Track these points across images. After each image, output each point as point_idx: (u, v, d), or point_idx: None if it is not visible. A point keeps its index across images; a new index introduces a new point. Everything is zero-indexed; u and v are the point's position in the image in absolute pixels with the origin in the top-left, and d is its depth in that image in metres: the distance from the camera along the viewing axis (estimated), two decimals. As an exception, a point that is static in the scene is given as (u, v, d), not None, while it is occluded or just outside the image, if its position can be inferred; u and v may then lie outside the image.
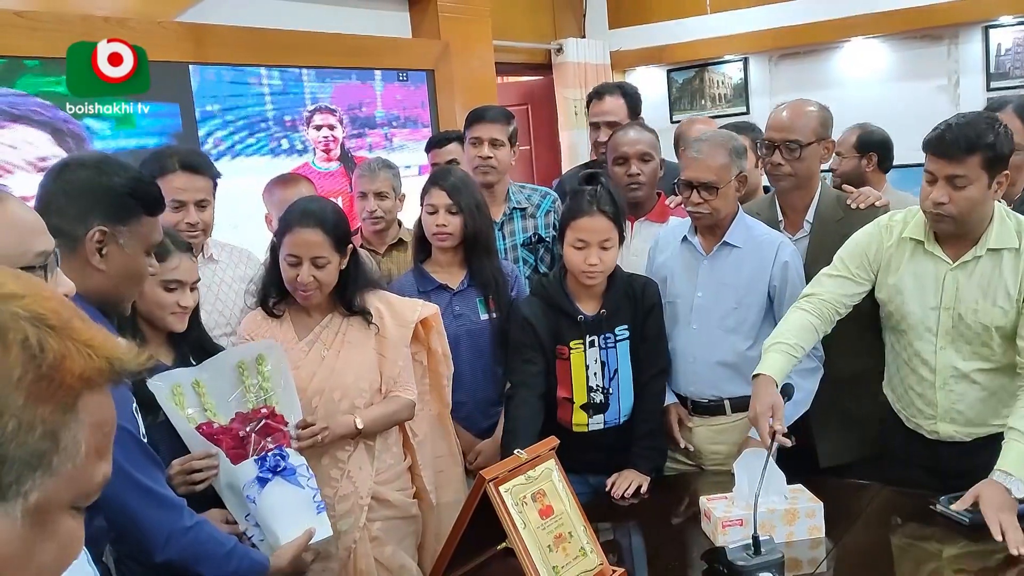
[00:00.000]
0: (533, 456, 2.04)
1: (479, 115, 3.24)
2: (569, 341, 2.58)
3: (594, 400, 2.60)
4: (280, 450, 2.12)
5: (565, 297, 2.59)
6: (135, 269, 1.76)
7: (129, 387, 1.73)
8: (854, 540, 2.19)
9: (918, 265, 2.37)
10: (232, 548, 1.87)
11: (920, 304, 2.36)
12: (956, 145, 2.17)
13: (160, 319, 2.12)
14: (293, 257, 2.32)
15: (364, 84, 4.50)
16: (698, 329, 2.70)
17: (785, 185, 2.78)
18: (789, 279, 2.64)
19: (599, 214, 2.49)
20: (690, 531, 2.31)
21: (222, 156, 3.85)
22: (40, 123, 3.19)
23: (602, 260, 2.50)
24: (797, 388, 2.56)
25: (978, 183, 2.18)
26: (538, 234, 3.21)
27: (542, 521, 1.97)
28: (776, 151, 2.74)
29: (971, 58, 5.41)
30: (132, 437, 1.69)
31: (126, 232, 1.72)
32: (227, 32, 3.85)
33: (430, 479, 2.58)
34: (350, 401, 2.39)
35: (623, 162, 3.11)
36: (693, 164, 2.64)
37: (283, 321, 2.43)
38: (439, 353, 2.60)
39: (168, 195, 2.42)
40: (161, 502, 1.75)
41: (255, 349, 2.23)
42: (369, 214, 3.18)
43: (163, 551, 1.76)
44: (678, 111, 6.43)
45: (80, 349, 0.72)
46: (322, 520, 2.14)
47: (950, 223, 2.26)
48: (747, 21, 5.93)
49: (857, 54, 5.74)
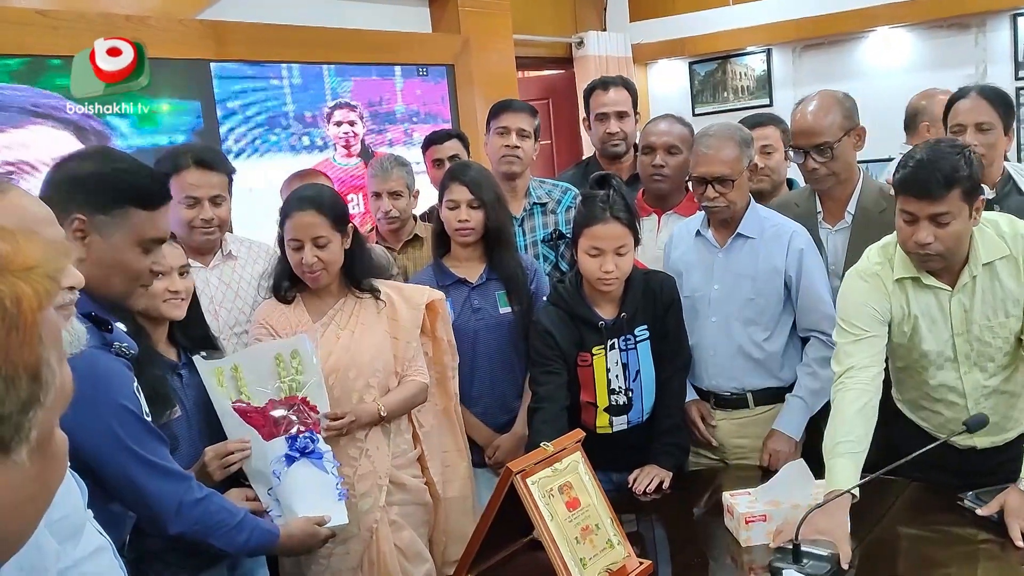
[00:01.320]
0: (559, 449, 2.05)
1: (506, 105, 3.22)
2: (591, 348, 2.53)
3: (617, 403, 2.57)
4: (311, 433, 2.18)
5: (583, 304, 2.54)
6: (123, 262, 1.72)
7: (129, 367, 1.75)
8: (882, 536, 2.16)
9: (921, 300, 2.28)
10: (243, 518, 1.89)
11: (935, 338, 2.28)
12: (935, 183, 2.06)
13: (154, 308, 2.09)
14: (295, 241, 2.36)
15: (384, 80, 4.50)
16: (717, 322, 2.69)
17: (823, 186, 2.73)
18: (804, 267, 2.61)
19: (613, 220, 2.42)
20: (714, 526, 2.29)
21: (243, 153, 3.87)
22: (63, 121, 3.21)
23: (618, 266, 2.44)
24: (816, 377, 2.60)
25: (960, 216, 2.10)
26: (559, 230, 3.18)
27: (569, 513, 1.98)
28: (808, 157, 2.69)
29: (999, 47, 5.34)
30: (133, 415, 1.71)
31: (110, 222, 1.69)
32: (247, 29, 3.86)
33: (437, 471, 2.60)
34: (365, 380, 2.42)
35: (650, 151, 3.08)
36: (704, 159, 2.60)
37: (296, 306, 2.46)
38: (444, 342, 2.62)
39: (182, 191, 2.45)
40: (168, 474, 1.76)
41: (291, 344, 2.27)
42: (384, 214, 3.14)
43: (175, 522, 1.77)
44: (700, 104, 6.39)
45: (28, 279, 0.72)
46: (341, 507, 2.17)
47: (938, 261, 2.17)
48: (770, 12, 5.88)
49: (882, 44, 5.67)
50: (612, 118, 3.43)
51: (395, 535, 2.45)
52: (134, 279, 1.76)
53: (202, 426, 2.15)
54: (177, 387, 2.12)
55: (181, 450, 2.06)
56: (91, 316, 1.64)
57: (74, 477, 1.39)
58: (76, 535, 1.35)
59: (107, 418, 1.66)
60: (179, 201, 2.46)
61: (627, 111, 3.45)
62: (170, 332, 2.18)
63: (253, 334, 2.44)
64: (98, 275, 1.68)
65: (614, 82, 3.53)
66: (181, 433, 2.09)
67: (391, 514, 2.45)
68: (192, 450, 2.08)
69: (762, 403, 2.66)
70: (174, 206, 2.44)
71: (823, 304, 2.63)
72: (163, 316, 2.12)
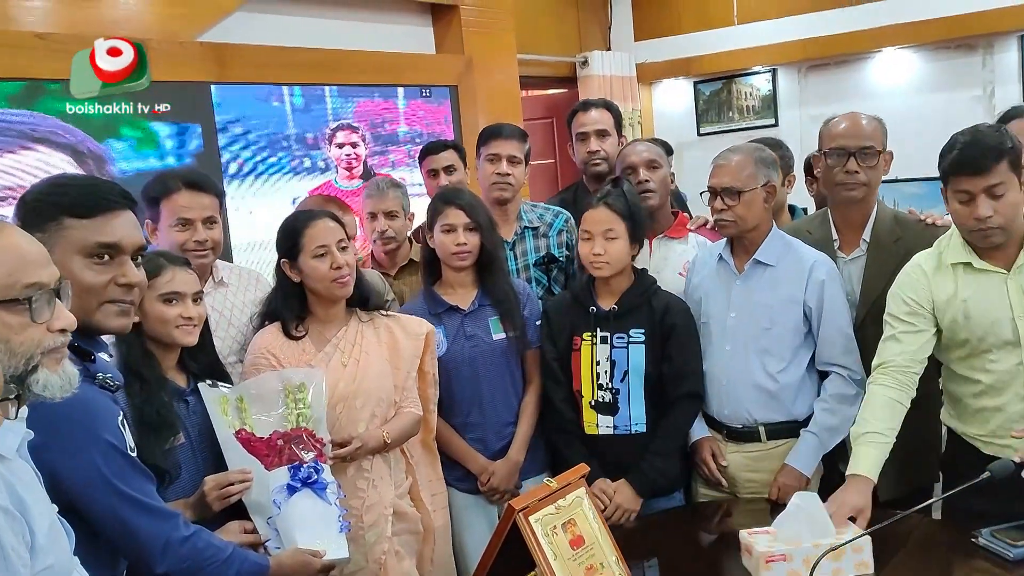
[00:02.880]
0: (563, 484, 2.04)
1: (496, 132, 3.20)
2: (582, 332, 2.66)
3: (603, 399, 2.62)
4: (316, 464, 2.16)
5: (587, 290, 2.70)
6: (66, 275, 1.57)
7: (115, 400, 1.70)
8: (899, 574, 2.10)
9: (972, 285, 2.31)
10: (231, 553, 1.85)
11: (992, 321, 2.28)
12: (984, 157, 2.18)
13: (166, 335, 2.10)
14: (322, 247, 2.37)
15: (387, 101, 4.47)
16: (731, 351, 2.65)
17: (857, 195, 2.67)
18: (827, 299, 2.57)
19: (603, 206, 2.61)
20: (725, 562, 2.24)
21: (245, 176, 3.83)
22: (61, 145, 3.18)
23: (607, 251, 2.58)
24: (834, 414, 2.55)
25: (1012, 186, 2.20)
26: (550, 253, 3.16)
27: (572, 551, 1.97)
28: (851, 158, 2.64)
29: (1007, 68, 5.29)
30: (118, 451, 1.65)
31: (48, 239, 1.59)
32: (248, 51, 3.83)
33: (428, 500, 2.61)
34: (370, 409, 2.43)
35: (631, 172, 3.06)
36: (717, 171, 2.63)
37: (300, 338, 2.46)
38: (430, 376, 2.62)
39: (174, 215, 2.44)
40: (154, 512, 1.72)
41: (301, 376, 2.27)
42: (380, 234, 3.14)
43: (161, 561, 1.73)
44: (705, 123, 6.36)
45: None
46: (341, 540, 2.14)
47: (999, 234, 2.23)
48: (775, 32, 5.85)
49: (889, 65, 5.64)
50: (592, 137, 3.41)
51: (399, 564, 2.44)
52: (88, 294, 1.65)
53: (206, 454, 2.14)
54: (183, 414, 2.12)
55: (183, 478, 2.07)
56: (73, 347, 1.59)
57: (62, 523, 1.35)
58: None
59: (91, 454, 1.61)
60: (171, 225, 2.45)
61: (608, 130, 3.43)
62: (180, 358, 2.18)
63: (252, 363, 2.41)
64: None
65: (595, 104, 3.53)
66: (185, 460, 2.08)
67: (395, 545, 2.45)
68: (194, 478, 2.07)
69: (774, 437, 2.62)
70: (166, 230, 2.45)
71: (844, 338, 2.59)
72: (175, 342, 2.13)
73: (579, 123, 3.46)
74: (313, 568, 2.03)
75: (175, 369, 2.17)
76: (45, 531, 1.27)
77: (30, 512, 1.25)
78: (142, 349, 2.09)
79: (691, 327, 2.67)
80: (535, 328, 2.79)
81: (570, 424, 2.69)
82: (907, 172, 4.97)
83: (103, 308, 1.67)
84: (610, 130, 3.43)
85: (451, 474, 2.76)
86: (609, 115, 3.47)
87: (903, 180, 5.13)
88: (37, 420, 1.36)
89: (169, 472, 2.02)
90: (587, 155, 3.42)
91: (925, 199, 4.59)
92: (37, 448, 1.36)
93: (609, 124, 3.44)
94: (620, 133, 3.50)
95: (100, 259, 1.66)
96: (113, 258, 1.68)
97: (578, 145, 3.47)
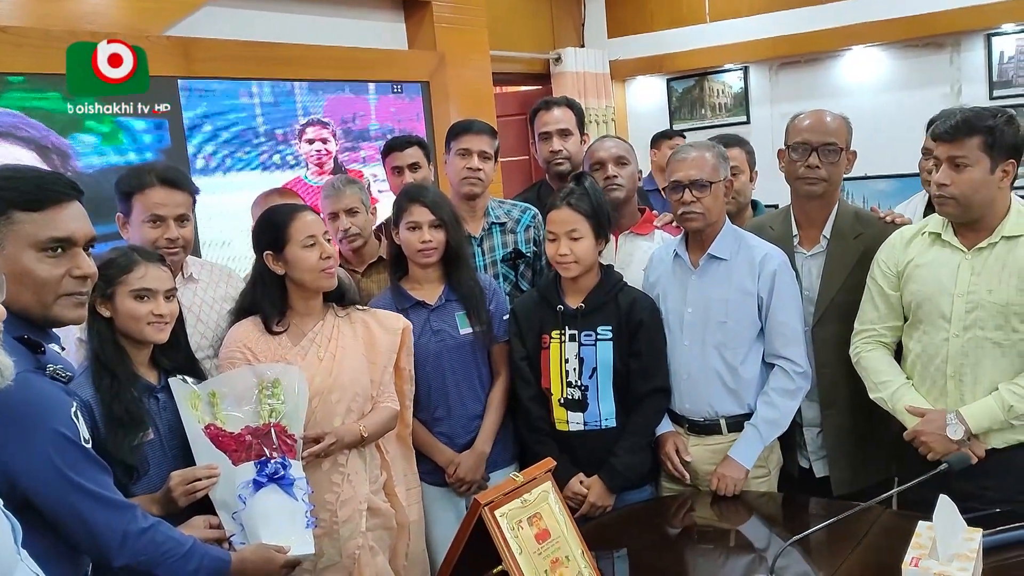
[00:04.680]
0: (529, 479, 2.04)
1: (467, 127, 3.20)
2: (551, 331, 2.69)
3: (572, 396, 2.64)
4: (283, 460, 2.15)
5: (554, 290, 2.73)
6: (24, 271, 1.62)
7: (67, 391, 1.68)
8: (855, 565, 2.12)
9: (932, 254, 2.42)
10: (191, 547, 1.84)
11: (934, 291, 2.39)
12: (956, 128, 2.27)
13: (137, 331, 2.09)
14: (311, 238, 2.39)
15: (358, 96, 4.46)
16: (689, 345, 2.67)
17: (816, 190, 2.70)
18: (775, 289, 2.60)
19: (565, 207, 2.63)
20: (688, 553, 2.25)
21: (213, 171, 3.81)
22: (24, 140, 3.14)
23: (572, 251, 2.61)
24: (774, 407, 2.60)
25: (979, 166, 2.26)
26: (517, 249, 3.16)
27: (538, 545, 1.97)
28: (813, 154, 2.67)
29: (974, 66, 5.35)
30: (71, 443, 1.63)
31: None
32: (217, 46, 3.80)
33: (403, 495, 2.61)
34: (346, 404, 2.43)
35: (600, 166, 3.06)
36: (682, 165, 2.64)
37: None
38: (406, 372, 2.63)
39: (147, 210, 2.42)
40: (110, 504, 1.70)
41: (275, 372, 2.26)
42: (344, 233, 3.10)
43: (119, 554, 1.71)
44: (678, 120, 6.39)
45: None
46: (307, 536, 2.13)
47: (953, 205, 2.32)
48: (747, 30, 5.89)
49: (858, 62, 5.69)
50: (555, 136, 3.40)
51: (372, 560, 2.45)
52: (44, 288, 1.64)
53: (176, 450, 2.13)
54: (153, 410, 2.11)
55: (151, 474, 2.06)
56: (23, 339, 1.57)
57: (6, 515, 1.32)
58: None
59: (42, 445, 1.59)
60: (143, 220, 2.42)
61: (570, 129, 3.42)
62: (153, 354, 2.17)
63: (228, 356, 2.40)
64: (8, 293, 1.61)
65: (557, 102, 3.51)
66: (153, 456, 2.07)
67: (369, 540, 2.45)
68: (163, 474, 2.06)
69: (735, 429, 2.64)
70: (138, 225, 2.42)
71: (789, 329, 2.61)
72: (146, 339, 2.11)
73: (541, 122, 3.44)
74: (276, 564, 2.02)
75: (147, 365, 2.15)
76: None
77: None
78: (113, 345, 2.08)
79: (658, 322, 2.69)
80: (501, 322, 2.80)
81: (540, 421, 2.70)
82: (875, 169, 5.04)
83: (60, 301, 1.66)
84: (572, 129, 3.43)
85: (420, 467, 2.76)
86: (571, 114, 3.46)
87: (872, 177, 5.19)
88: None
89: (137, 468, 2.01)
90: (550, 154, 3.41)
91: (893, 196, 4.64)
92: None
93: (571, 123, 3.43)
94: (583, 131, 3.49)
95: (53, 252, 1.65)
96: (66, 251, 1.67)
97: (541, 144, 3.45)
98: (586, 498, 2.62)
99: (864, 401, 2.57)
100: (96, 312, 2.05)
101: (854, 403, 2.65)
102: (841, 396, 2.68)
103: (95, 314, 2.05)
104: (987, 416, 2.31)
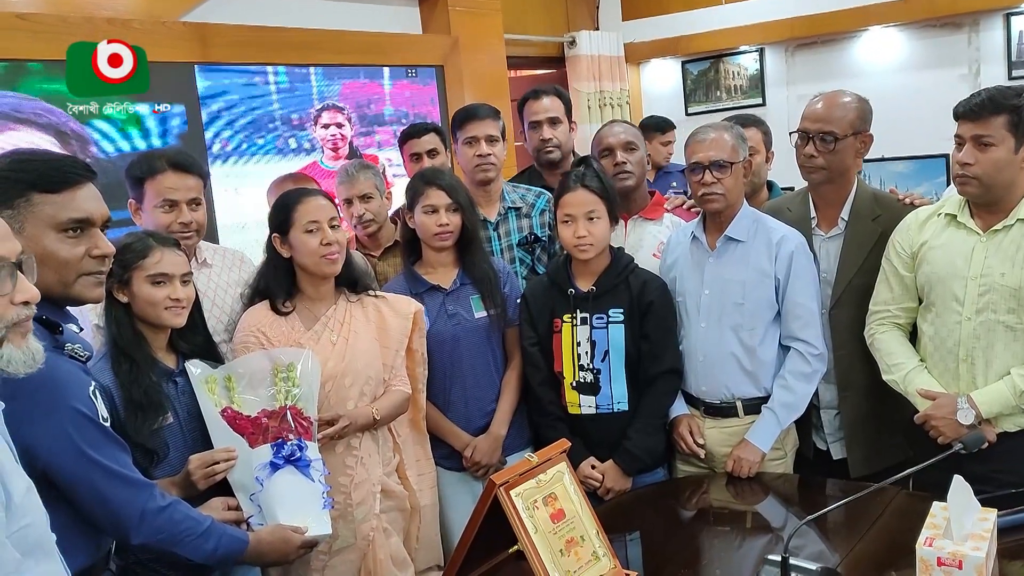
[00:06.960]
0: (544, 460, 2.04)
1: (471, 114, 3.20)
2: (562, 315, 2.68)
3: (584, 380, 2.65)
4: (300, 441, 2.16)
5: (564, 274, 2.71)
6: (46, 251, 1.66)
7: (85, 370, 1.71)
8: (870, 546, 2.12)
9: (946, 235, 2.40)
10: (210, 526, 1.86)
11: (947, 274, 2.37)
12: (982, 106, 2.23)
13: (155, 316, 2.11)
14: (314, 223, 2.39)
15: (372, 81, 4.47)
16: (706, 327, 2.67)
17: (816, 178, 2.69)
18: (793, 271, 2.59)
19: (581, 188, 2.62)
20: (702, 534, 2.25)
21: (229, 157, 3.83)
22: (44, 126, 3.18)
23: (591, 232, 2.60)
24: (791, 391, 2.59)
25: (1003, 145, 2.22)
26: (534, 233, 3.17)
27: (553, 525, 1.97)
28: (810, 142, 2.66)
29: (992, 46, 5.30)
30: (90, 420, 1.66)
31: (17, 215, 1.64)
32: (232, 31, 3.82)
33: (414, 479, 2.62)
34: (359, 387, 2.44)
35: (608, 154, 3.06)
36: (702, 146, 2.63)
37: (289, 315, 2.47)
38: (418, 354, 2.63)
39: (159, 195, 2.43)
40: (128, 482, 1.73)
41: (290, 356, 2.27)
42: (358, 219, 3.12)
43: (138, 531, 1.74)
44: (693, 103, 6.36)
45: None
46: (323, 516, 2.16)
47: (975, 185, 2.29)
48: (763, 11, 5.84)
49: (876, 43, 5.64)
50: (545, 125, 3.39)
51: (385, 542, 2.46)
52: (66, 268, 1.69)
53: (195, 433, 2.15)
54: (172, 393, 2.13)
55: (171, 457, 2.07)
56: (41, 319, 1.60)
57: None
58: (38, 552, 1.31)
59: (61, 423, 1.62)
60: (156, 205, 2.44)
61: (560, 117, 3.41)
62: (171, 339, 2.19)
63: (242, 341, 2.42)
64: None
65: (546, 91, 3.49)
66: (172, 440, 2.09)
67: (383, 521, 2.47)
68: (183, 457, 2.08)
69: (752, 412, 2.64)
70: (151, 211, 2.44)
71: (806, 311, 2.61)
72: (163, 324, 2.13)
73: (531, 111, 3.44)
74: (293, 544, 2.04)
75: (165, 350, 2.17)
76: (23, 492, 1.28)
77: (5, 473, 1.26)
78: (132, 330, 2.10)
79: (668, 304, 2.69)
80: (516, 306, 2.81)
81: (551, 406, 2.71)
82: (893, 150, 5.01)
83: (80, 280, 1.71)
84: (561, 117, 3.42)
85: (436, 452, 2.77)
86: (560, 102, 3.45)
87: (889, 159, 5.16)
88: (6, 391, 1.37)
89: (157, 452, 2.03)
90: (540, 143, 3.41)
91: (911, 177, 4.62)
92: (7, 419, 1.37)
93: (560, 111, 3.43)
94: (571, 119, 3.49)
95: (73, 232, 1.69)
96: (85, 231, 1.71)
97: (530, 133, 3.45)
98: (602, 483, 2.63)
99: (881, 383, 2.56)
100: (113, 298, 2.08)
101: (871, 385, 2.64)
102: (858, 378, 2.68)
103: (112, 300, 2.08)
104: (998, 401, 2.30)
